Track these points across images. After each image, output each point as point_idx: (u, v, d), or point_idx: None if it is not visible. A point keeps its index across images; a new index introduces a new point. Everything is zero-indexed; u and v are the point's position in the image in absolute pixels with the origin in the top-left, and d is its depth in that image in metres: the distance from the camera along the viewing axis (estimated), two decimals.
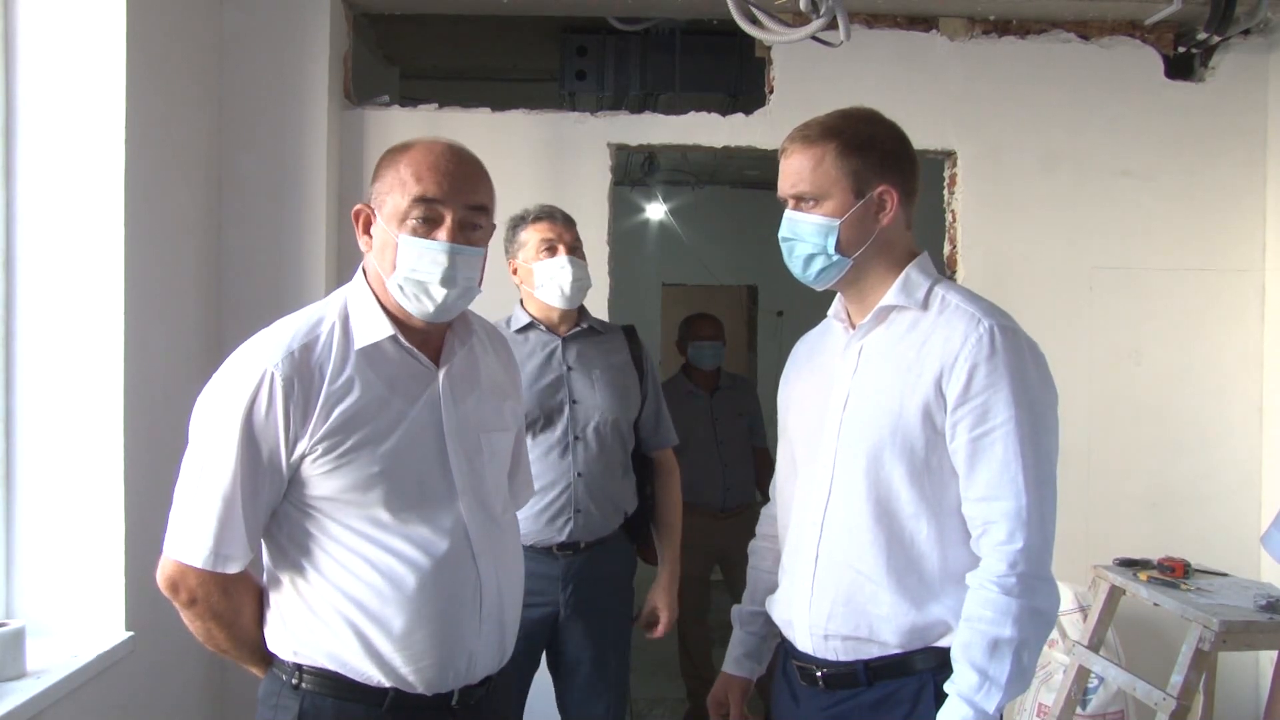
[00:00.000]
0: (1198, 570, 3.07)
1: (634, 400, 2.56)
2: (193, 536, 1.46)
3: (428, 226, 1.51)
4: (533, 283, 2.47)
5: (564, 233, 2.46)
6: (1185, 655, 2.65)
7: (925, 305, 1.61)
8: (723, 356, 4.31)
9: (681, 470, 2.73)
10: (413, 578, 1.51)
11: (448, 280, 1.52)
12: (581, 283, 2.46)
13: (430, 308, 1.53)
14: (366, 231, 1.57)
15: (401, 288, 1.52)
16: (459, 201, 1.53)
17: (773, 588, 1.81)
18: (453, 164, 1.54)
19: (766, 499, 1.97)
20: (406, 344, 1.56)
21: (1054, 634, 3.24)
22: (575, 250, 2.47)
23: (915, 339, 1.59)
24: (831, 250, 1.61)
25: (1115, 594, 3.08)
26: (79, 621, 2.47)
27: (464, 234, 1.54)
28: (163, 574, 1.50)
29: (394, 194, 1.51)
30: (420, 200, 1.50)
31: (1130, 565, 3.10)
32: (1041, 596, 1.49)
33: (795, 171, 1.63)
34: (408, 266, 1.51)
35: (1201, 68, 3.63)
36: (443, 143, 1.56)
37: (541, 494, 2.39)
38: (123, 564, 2.48)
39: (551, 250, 2.44)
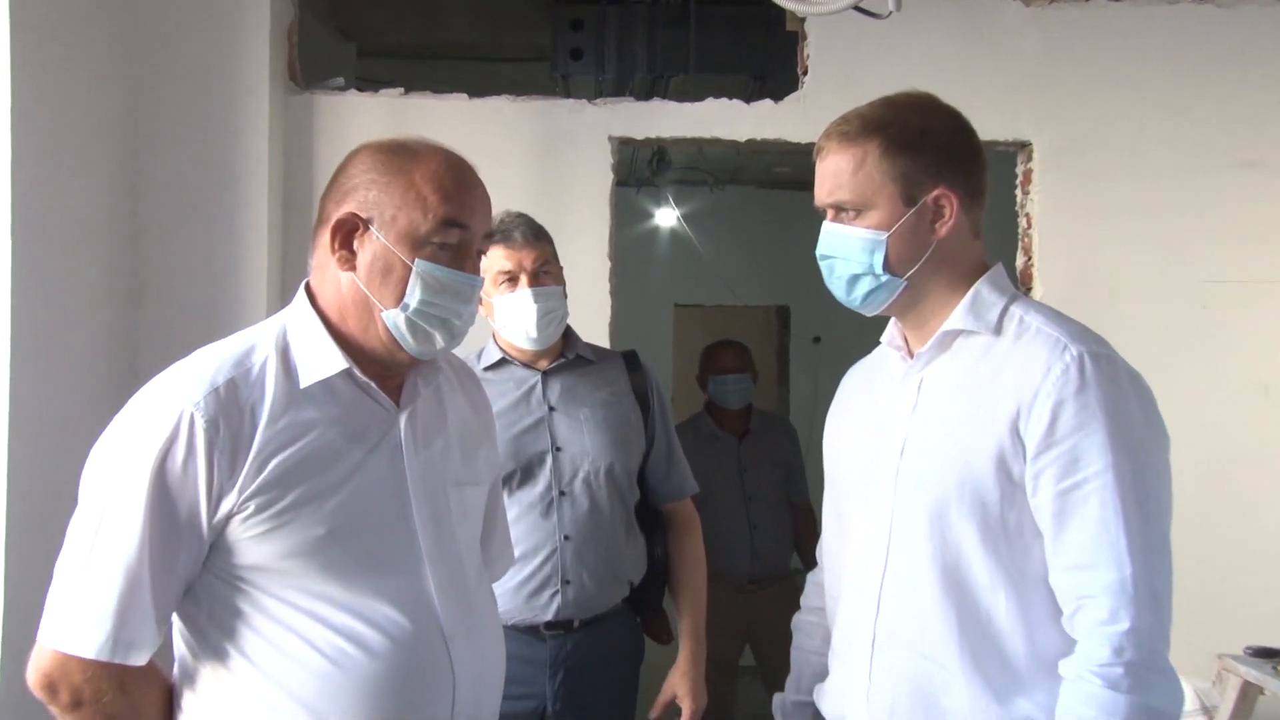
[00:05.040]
0: None
1: (636, 442, 2.54)
2: (83, 621, 1.41)
3: (451, 254, 1.54)
4: (495, 318, 2.47)
5: (525, 256, 2.41)
6: None
7: (999, 329, 1.60)
8: (752, 392, 4.30)
9: (702, 531, 2.70)
10: (370, 665, 1.49)
11: (469, 318, 1.57)
12: (553, 315, 2.44)
13: (438, 346, 1.57)
14: (346, 246, 1.54)
15: (411, 321, 1.53)
16: (481, 228, 1.58)
17: (822, 672, 1.79)
18: (475, 182, 1.58)
19: (806, 566, 1.97)
20: (364, 379, 1.55)
21: None
22: (542, 274, 2.44)
23: (986, 370, 1.58)
24: (879, 269, 1.61)
25: (1249, 692, 3.02)
26: None
27: (477, 265, 1.59)
28: (36, 670, 1.44)
29: (409, 210, 1.51)
30: (450, 224, 1.52)
31: (1268, 655, 3.04)
32: (1157, 692, 1.45)
33: (832, 176, 1.63)
34: (426, 299, 1.52)
35: None
36: (450, 151, 1.58)
37: (521, 563, 2.36)
38: None
39: (512, 281, 2.41)
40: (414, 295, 1.51)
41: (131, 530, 1.40)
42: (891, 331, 1.74)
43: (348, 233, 1.53)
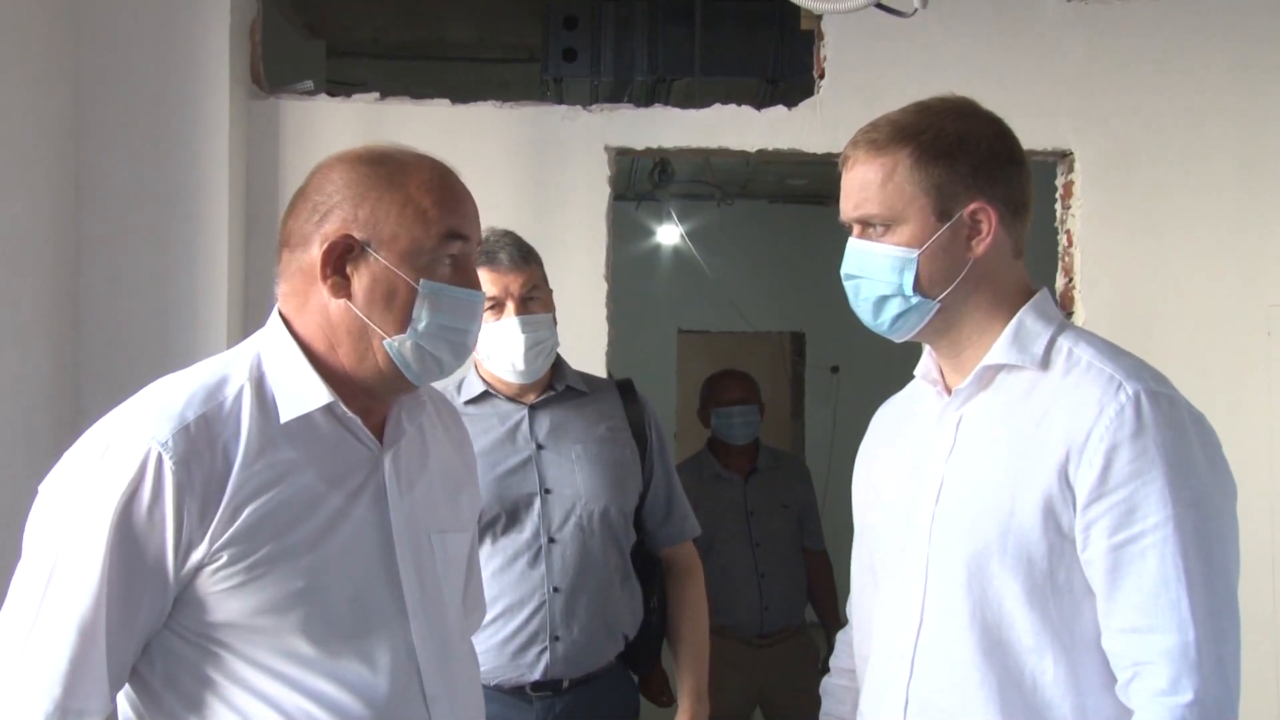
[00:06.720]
0: None
1: (632, 481, 2.53)
2: (28, 687, 1.38)
3: (452, 269, 1.55)
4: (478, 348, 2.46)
5: (512, 281, 2.42)
6: None
7: (1046, 363, 1.60)
8: (758, 426, 4.31)
9: (706, 581, 2.71)
10: None
11: (475, 336, 1.60)
12: (541, 346, 2.44)
13: (437, 376, 1.58)
14: (339, 272, 1.52)
15: (417, 347, 1.53)
16: (477, 239, 1.60)
17: None
18: (466, 190, 1.59)
19: (823, 620, 1.95)
20: (349, 415, 1.54)
21: None
22: (531, 301, 2.44)
23: (1032, 410, 1.57)
24: (909, 290, 1.62)
25: None
26: None
27: (478, 278, 1.62)
28: None
29: (410, 226, 1.52)
30: (454, 237, 1.53)
31: None
32: None
33: (859, 188, 1.64)
34: (434, 322, 1.52)
35: None
36: (436, 158, 1.59)
37: (506, 617, 2.37)
38: None
39: (497, 308, 2.41)
40: (421, 319, 1.52)
41: (88, 585, 1.37)
42: (926, 364, 1.74)
43: (339, 256, 1.51)
